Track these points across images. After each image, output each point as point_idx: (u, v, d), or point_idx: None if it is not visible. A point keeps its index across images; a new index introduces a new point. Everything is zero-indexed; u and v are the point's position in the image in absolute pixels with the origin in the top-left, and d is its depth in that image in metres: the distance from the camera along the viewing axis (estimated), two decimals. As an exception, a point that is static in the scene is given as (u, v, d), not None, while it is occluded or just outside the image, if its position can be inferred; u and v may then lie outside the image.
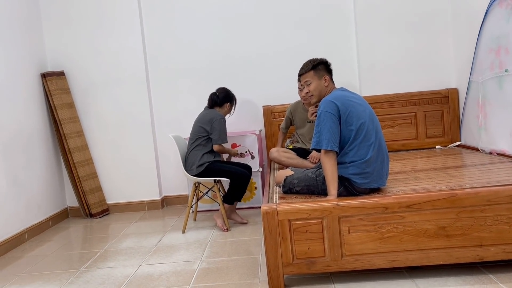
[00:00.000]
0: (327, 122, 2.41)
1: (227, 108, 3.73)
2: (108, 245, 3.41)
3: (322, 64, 2.67)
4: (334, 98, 2.48)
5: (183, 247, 3.21)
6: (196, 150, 3.54)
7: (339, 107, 2.43)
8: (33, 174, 3.92)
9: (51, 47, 4.34)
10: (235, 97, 3.78)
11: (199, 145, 3.54)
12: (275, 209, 2.23)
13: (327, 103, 2.46)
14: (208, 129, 3.55)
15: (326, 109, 2.43)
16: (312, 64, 2.66)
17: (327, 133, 2.39)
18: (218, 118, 3.55)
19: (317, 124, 2.45)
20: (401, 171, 3.13)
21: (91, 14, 4.30)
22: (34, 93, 4.07)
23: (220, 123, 3.55)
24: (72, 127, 4.26)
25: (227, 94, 3.72)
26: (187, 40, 4.38)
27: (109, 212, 4.45)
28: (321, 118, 2.43)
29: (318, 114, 2.46)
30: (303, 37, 4.30)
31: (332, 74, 2.70)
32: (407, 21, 4.15)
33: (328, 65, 2.70)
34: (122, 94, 4.37)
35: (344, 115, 2.43)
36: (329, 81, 2.66)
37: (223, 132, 3.56)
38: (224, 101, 3.70)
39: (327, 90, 2.64)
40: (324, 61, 2.69)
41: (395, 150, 4.13)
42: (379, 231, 2.22)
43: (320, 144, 2.41)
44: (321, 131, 2.42)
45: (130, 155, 4.41)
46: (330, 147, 2.37)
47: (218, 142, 3.53)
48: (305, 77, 2.69)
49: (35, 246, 3.57)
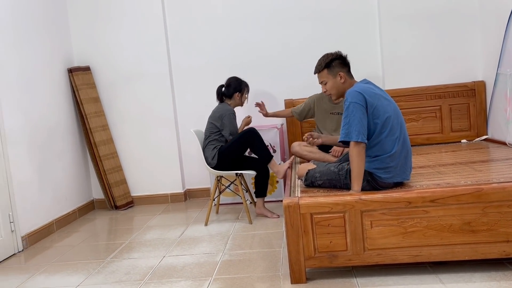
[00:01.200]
0: (357, 113, 2.33)
1: (238, 98, 3.70)
2: (133, 237, 3.49)
3: (336, 60, 2.57)
4: (361, 90, 2.40)
5: (206, 240, 3.25)
6: (210, 145, 3.60)
7: (367, 98, 2.36)
8: (60, 167, 4.03)
9: (77, 43, 4.44)
10: (246, 84, 3.73)
11: (213, 140, 3.59)
12: (297, 203, 2.24)
13: (354, 94, 2.37)
14: (218, 126, 3.59)
15: (354, 100, 2.35)
16: (325, 62, 2.57)
17: (357, 124, 2.31)
18: (227, 114, 3.56)
19: (346, 115, 2.35)
20: (425, 166, 3.09)
21: (115, 10, 4.37)
22: (61, 88, 4.17)
23: (229, 118, 3.56)
24: (97, 121, 4.36)
25: (235, 84, 3.68)
26: (209, 35, 4.40)
27: (134, 205, 4.54)
28: (349, 109, 2.34)
29: (345, 105, 2.38)
30: (325, 29, 4.26)
31: (349, 67, 2.61)
32: (432, 12, 4.07)
33: (343, 59, 2.59)
34: (146, 89, 4.44)
35: (371, 107, 2.37)
36: (345, 76, 2.56)
37: (234, 127, 3.57)
38: (233, 92, 3.68)
39: (345, 85, 2.56)
40: (337, 56, 2.58)
41: (419, 144, 4.06)
42: (402, 225, 2.20)
43: (350, 136, 2.32)
44: (350, 122, 2.33)
45: (154, 149, 4.49)
46: (360, 139, 2.30)
47: (230, 138, 3.56)
48: (320, 77, 2.62)
49: (63, 236, 3.68)
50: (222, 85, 3.74)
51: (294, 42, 4.32)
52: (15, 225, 3.33)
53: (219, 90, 3.73)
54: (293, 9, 4.29)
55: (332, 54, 2.60)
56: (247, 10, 4.33)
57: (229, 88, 3.69)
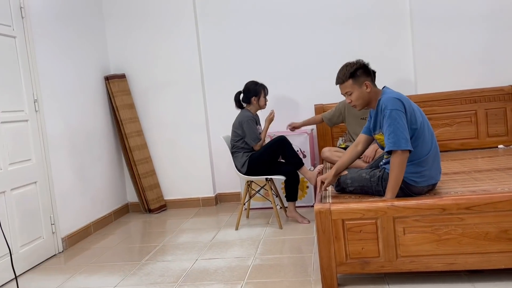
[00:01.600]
0: (400, 120, 2.27)
1: (255, 102, 3.72)
2: (166, 240, 3.58)
3: (360, 69, 2.44)
4: (398, 96, 2.36)
5: (237, 244, 3.30)
6: (238, 153, 3.66)
7: (405, 105, 2.33)
8: (97, 171, 4.18)
9: (114, 52, 4.60)
10: (262, 86, 3.72)
11: (239, 148, 3.66)
12: (328, 209, 2.25)
13: (394, 101, 2.32)
14: (240, 133, 3.64)
15: (396, 107, 2.29)
16: (349, 72, 2.43)
17: (403, 132, 2.26)
18: (245, 120, 3.61)
19: (389, 123, 2.28)
20: (460, 172, 3.03)
21: (149, 20, 4.51)
22: (98, 95, 4.34)
23: (248, 125, 3.59)
24: (132, 126, 4.50)
25: (251, 89, 3.70)
26: (239, 41, 4.47)
27: (166, 208, 4.65)
28: (392, 117, 2.28)
29: (386, 113, 2.31)
30: (356, 34, 4.25)
31: (374, 75, 2.52)
32: (466, 15, 3.99)
33: (366, 67, 2.46)
34: (179, 95, 4.55)
35: (409, 114, 2.34)
36: (371, 85, 2.45)
37: (254, 133, 3.60)
38: (250, 96, 3.70)
39: (370, 94, 2.45)
40: (361, 65, 2.45)
41: (453, 149, 3.98)
42: (436, 232, 2.18)
43: (398, 145, 2.25)
44: (395, 131, 2.27)
45: (186, 154, 4.58)
46: (409, 147, 2.26)
47: (252, 143, 3.60)
48: (344, 88, 2.49)
49: (100, 238, 3.81)
50: (240, 92, 3.78)
51: (324, 47, 4.33)
52: (55, 227, 3.48)
53: (237, 97, 3.78)
54: (323, 14, 4.30)
55: (355, 63, 2.47)
56: (277, 17, 4.37)
57: (246, 93, 3.74)
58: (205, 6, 4.49)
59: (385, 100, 2.35)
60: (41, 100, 3.44)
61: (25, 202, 3.19)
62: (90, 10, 4.32)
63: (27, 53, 3.35)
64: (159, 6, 4.48)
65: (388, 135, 2.30)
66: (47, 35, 3.60)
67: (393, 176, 2.30)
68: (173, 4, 4.46)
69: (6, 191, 3.01)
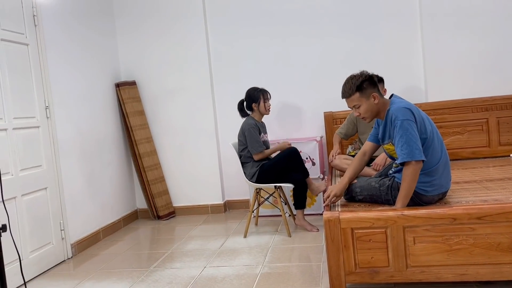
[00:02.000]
0: (412, 130, 2.25)
1: (256, 108, 3.71)
2: (175, 247, 3.58)
3: (366, 81, 2.40)
4: (407, 106, 2.34)
5: (245, 251, 3.28)
6: (246, 163, 3.66)
7: (415, 114, 2.32)
8: (107, 177, 4.20)
9: (124, 59, 4.65)
10: (262, 91, 3.70)
11: (248, 157, 3.65)
12: (337, 217, 2.23)
13: (404, 111, 2.30)
14: (243, 141, 3.63)
15: (406, 117, 2.28)
16: (356, 85, 2.39)
17: (415, 142, 2.24)
18: (247, 128, 3.61)
19: (401, 134, 2.26)
20: (471, 180, 2.99)
21: (160, 28, 4.55)
22: (109, 102, 4.37)
23: (250, 133, 3.58)
24: (142, 133, 4.52)
25: (250, 96, 3.71)
26: (248, 49, 4.49)
27: (175, 215, 4.66)
28: (404, 127, 2.26)
29: (397, 124, 2.29)
30: (365, 41, 4.24)
31: (380, 84, 2.53)
32: (477, 22, 3.96)
33: (372, 78, 2.42)
34: (188, 102, 4.57)
35: (419, 123, 2.32)
36: (379, 96, 2.41)
37: (255, 141, 3.58)
38: (250, 103, 3.71)
39: (379, 106, 2.42)
40: (366, 77, 2.41)
41: (464, 158, 3.94)
42: (446, 242, 2.14)
43: (412, 155, 2.23)
44: (408, 141, 2.24)
45: (195, 160, 4.60)
46: (423, 157, 2.24)
47: (253, 152, 3.59)
48: (351, 102, 2.44)
49: (109, 244, 3.82)
50: (243, 100, 3.79)
51: (333, 54, 4.32)
52: (65, 232, 3.50)
53: (240, 106, 3.79)
54: (333, 22, 4.30)
55: (360, 75, 2.42)
56: (287, 23, 4.38)
57: (247, 101, 3.75)
58: (215, 14, 4.52)
59: (395, 110, 2.33)
60: (52, 107, 3.48)
61: (35, 207, 3.22)
62: (101, 18, 4.37)
63: (39, 60, 3.40)
64: (169, 14, 4.52)
65: (401, 146, 2.28)
66: (59, 43, 3.65)
67: (406, 186, 2.28)
68: (183, 13, 4.49)
69: (17, 196, 3.04)
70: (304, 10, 4.35)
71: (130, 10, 4.59)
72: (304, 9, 4.35)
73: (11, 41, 3.13)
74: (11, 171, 3.02)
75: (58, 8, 3.67)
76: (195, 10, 4.47)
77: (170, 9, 4.52)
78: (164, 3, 4.52)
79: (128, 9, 4.59)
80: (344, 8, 4.27)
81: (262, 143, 3.62)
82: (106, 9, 4.47)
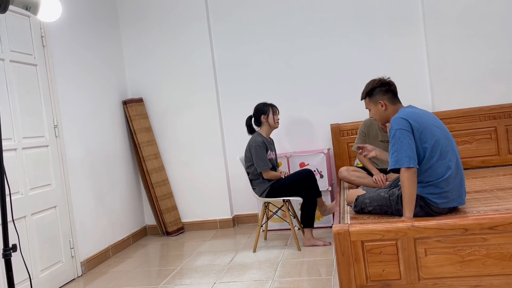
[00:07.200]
0: (404, 139, 2.31)
1: (265, 120, 3.70)
2: (184, 263, 3.56)
3: (377, 88, 2.56)
4: (404, 115, 2.39)
5: (255, 266, 3.26)
6: (255, 180, 3.65)
7: (412, 123, 2.34)
8: (116, 194, 4.22)
9: (131, 77, 4.70)
10: (270, 104, 3.73)
11: (252, 173, 3.65)
12: (347, 230, 2.21)
13: (399, 121, 2.37)
14: (250, 158, 3.63)
15: (399, 127, 2.34)
16: (366, 91, 2.60)
17: (406, 150, 2.29)
18: (253, 145, 3.60)
19: (393, 143, 2.34)
20: (482, 190, 2.96)
21: (165, 45, 4.61)
22: (116, 119, 4.41)
23: (256, 151, 3.57)
24: (149, 149, 4.55)
25: (258, 109, 3.72)
26: (254, 63, 4.52)
27: (184, 230, 4.65)
28: (396, 137, 2.33)
29: (391, 133, 2.37)
30: (371, 53, 4.26)
31: (393, 93, 2.56)
32: (483, 31, 3.96)
33: (385, 85, 2.56)
34: (195, 117, 4.60)
35: (418, 132, 2.34)
36: (387, 104, 2.54)
37: (261, 159, 3.56)
38: (259, 116, 3.70)
39: (388, 112, 2.55)
40: (378, 84, 2.56)
41: (473, 167, 3.90)
42: (459, 253, 2.11)
43: (400, 163, 2.28)
44: (398, 149, 2.31)
45: (203, 175, 4.60)
46: (412, 164, 2.27)
47: (259, 170, 3.57)
48: (365, 104, 2.66)
49: (118, 262, 3.82)
50: (251, 116, 3.80)
51: (339, 67, 4.34)
52: (75, 251, 3.51)
53: (248, 122, 3.79)
54: (337, 34, 4.32)
55: (374, 81, 2.59)
56: (291, 37, 4.42)
57: (255, 115, 3.75)
58: (220, 30, 4.57)
59: (392, 120, 2.42)
60: (61, 125, 3.52)
61: (45, 226, 3.23)
62: (108, 37, 4.44)
63: (48, 80, 3.45)
64: (175, 32, 4.58)
65: (391, 154, 2.34)
66: (66, 62, 3.70)
67: (404, 193, 2.31)
68: (189, 30, 4.55)
69: (26, 215, 3.06)
70: (310, 23, 4.38)
71: (136, 29, 4.65)
72: (309, 23, 4.38)
73: (20, 62, 3.18)
74: (20, 190, 3.04)
75: (65, 28, 3.73)
76: (201, 28, 4.53)
77: (176, 27, 4.58)
78: (170, 21, 4.59)
79: (135, 28, 4.65)
80: (348, 21, 4.29)
81: (268, 161, 3.60)
82: (113, 30, 4.54)
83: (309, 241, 3.56)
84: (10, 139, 3.02)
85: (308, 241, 3.56)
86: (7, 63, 3.05)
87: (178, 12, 4.57)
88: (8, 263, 1.71)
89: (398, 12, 4.19)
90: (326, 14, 4.33)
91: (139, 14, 4.64)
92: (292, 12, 4.40)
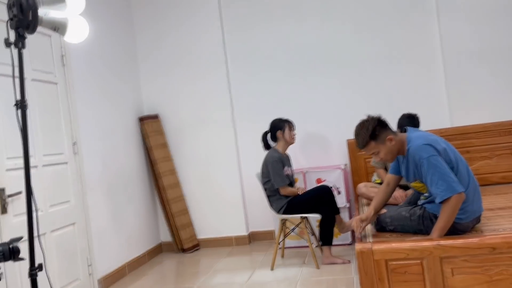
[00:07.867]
0: (441, 165, 2.21)
1: (281, 136, 3.69)
2: (201, 281, 3.53)
3: (377, 126, 2.36)
4: (425, 141, 2.30)
5: (273, 285, 3.21)
6: (272, 197, 3.62)
7: (435, 147, 2.28)
8: (132, 211, 4.22)
9: (147, 94, 4.75)
10: (287, 120, 3.73)
11: (269, 189, 3.62)
12: (370, 249, 2.17)
13: (425, 148, 2.26)
14: (267, 174, 3.62)
15: (430, 153, 2.24)
16: (368, 135, 2.35)
17: (449, 175, 2.20)
18: (270, 161, 3.59)
19: (433, 172, 2.22)
20: (506, 207, 2.89)
21: (181, 63, 4.66)
22: (133, 136, 4.45)
23: (273, 166, 3.55)
24: (165, 165, 4.56)
25: (274, 125, 3.72)
26: (269, 79, 4.53)
27: (200, 247, 4.62)
28: (432, 164, 2.22)
29: (422, 164, 2.26)
30: (386, 71, 4.25)
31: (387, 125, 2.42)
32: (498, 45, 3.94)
33: (381, 121, 2.38)
34: (210, 133, 4.61)
35: (443, 153, 2.28)
36: (394, 136, 2.37)
37: (278, 175, 3.54)
38: (275, 132, 3.69)
39: (397, 146, 2.38)
40: (375, 123, 2.36)
41: (494, 183, 3.83)
42: (486, 273, 2.05)
43: (453, 189, 2.17)
44: (442, 177, 2.20)
45: (218, 192, 4.59)
46: (462, 189, 2.20)
47: (276, 186, 3.55)
48: (369, 150, 2.41)
49: (134, 279, 3.80)
50: (267, 132, 3.79)
51: (355, 83, 4.33)
52: (92, 268, 3.50)
53: (264, 137, 3.79)
54: (353, 52, 4.33)
55: (369, 122, 2.38)
56: (307, 54, 4.43)
57: (272, 131, 3.75)
58: (235, 47, 4.60)
59: (416, 149, 2.30)
60: (80, 143, 3.55)
61: (63, 243, 3.23)
62: (125, 55, 4.51)
63: (67, 98, 3.49)
64: (190, 49, 4.63)
65: (436, 184, 2.22)
66: (85, 81, 3.75)
67: (445, 218, 2.22)
68: (204, 47, 4.60)
69: (46, 232, 3.07)
70: (324, 42, 4.39)
71: (153, 48, 4.71)
72: (325, 41, 4.39)
73: (41, 80, 3.23)
74: (41, 207, 3.06)
75: (84, 46, 3.79)
76: (216, 45, 4.57)
77: (191, 45, 4.63)
78: (186, 39, 4.64)
79: (151, 47, 4.71)
80: (364, 37, 4.30)
81: (285, 177, 3.58)
82: (130, 49, 4.61)
83: (328, 259, 3.51)
84: (32, 156, 3.05)
85: (327, 259, 3.51)
86: (28, 81, 3.10)
87: (194, 29, 4.62)
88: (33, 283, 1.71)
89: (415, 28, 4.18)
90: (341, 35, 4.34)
91: (156, 30, 4.70)
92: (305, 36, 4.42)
